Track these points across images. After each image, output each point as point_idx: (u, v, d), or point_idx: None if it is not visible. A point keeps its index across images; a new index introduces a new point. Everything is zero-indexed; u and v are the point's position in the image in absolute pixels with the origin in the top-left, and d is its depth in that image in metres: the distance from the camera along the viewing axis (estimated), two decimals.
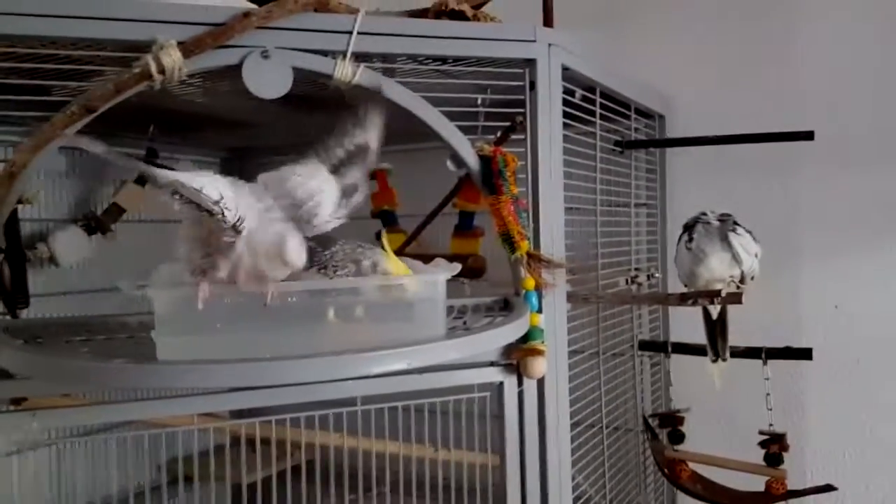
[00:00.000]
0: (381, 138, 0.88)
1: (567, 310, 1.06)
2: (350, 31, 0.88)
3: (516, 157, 0.98)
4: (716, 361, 1.19)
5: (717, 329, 1.18)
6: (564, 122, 1.04)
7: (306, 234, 0.76)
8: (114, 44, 0.83)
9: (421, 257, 0.96)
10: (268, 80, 0.86)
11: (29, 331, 0.89)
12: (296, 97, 0.91)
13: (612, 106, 1.24)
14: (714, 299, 1.09)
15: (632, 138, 1.36)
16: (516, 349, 0.96)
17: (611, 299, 1.23)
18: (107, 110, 0.84)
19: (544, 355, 0.96)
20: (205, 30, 0.83)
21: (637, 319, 1.41)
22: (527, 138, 1.00)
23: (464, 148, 0.97)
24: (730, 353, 1.19)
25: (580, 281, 1.20)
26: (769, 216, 1.42)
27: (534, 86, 0.99)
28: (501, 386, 0.97)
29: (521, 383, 0.99)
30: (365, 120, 0.87)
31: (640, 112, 1.38)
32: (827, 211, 1.39)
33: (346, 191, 0.82)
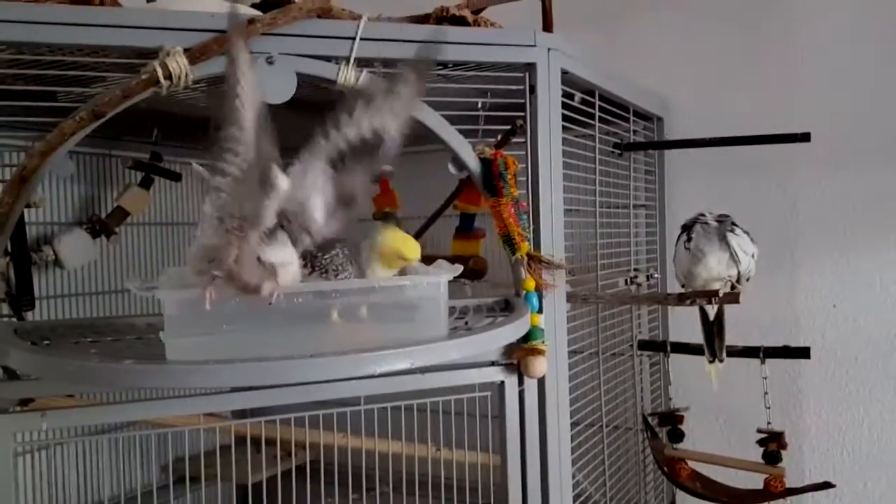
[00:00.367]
0: (406, 122, 0.80)
1: (567, 310, 1.07)
2: (353, 37, 0.90)
3: (516, 160, 1.00)
4: (713, 362, 1.20)
5: (714, 329, 1.19)
6: (564, 125, 1.06)
7: (302, 244, 0.75)
8: (121, 50, 0.85)
9: (423, 259, 0.97)
10: (273, 86, 0.87)
11: (37, 332, 0.91)
12: (298, 100, 0.92)
13: (611, 108, 1.25)
14: (712, 299, 1.10)
15: (631, 140, 1.37)
16: (517, 349, 0.97)
17: (610, 299, 1.24)
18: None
19: (545, 355, 0.97)
20: (210, 36, 0.84)
21: (636, 319, 1.42)
22: (527, 141, 1.01)
23: (465, 151, 0.99)
24: (728, 352, 1.20)
25: (580, 281, 1.21)
26: (767, 217, 1.43)
27: (534, 89, 1.00)
28: (502, 385, 0.99)
29: (522, 383, 1.00)
30: (381, 99, 0.79)
31: (638, 114, 1.39)
32: (824, 211, 1.40)
33: (343, 199, 0.78)
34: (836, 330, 1.40)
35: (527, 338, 0.96)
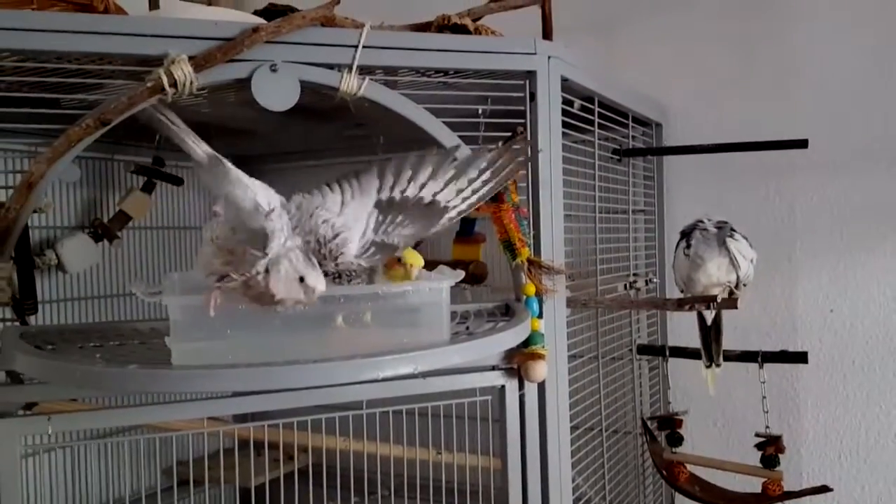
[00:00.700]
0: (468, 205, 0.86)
1: (567, 315, 1.08)
2: (356, 45, 0.90)
3: None
4: (710, 367, 1.20)
5: (712, 334, 1.20)
6: (563, 132, 1.06)
7: (326, 269, 0.76)
8: (126, 58, 0.86)
9: (424, 264, 0.98)
10: (276, 93, 0.88)
11: (42, 336, 0.91)
12: (300, 107, 0.93)
13: (611, 115, 1.26)
14: (710, 304, 1.11)
15: (630, 146, 1.38)
16: (517, 353, 0.98)
17: (609, 304, 1.25)
18: None
19: (545, 359, 0.98)
20: (215, 44, 0.85)
21: (635, 324, 1.43)
22: (527, 147, 1.02)
23: None
24: (726, 356, 1.20)
25: (580, 286, 1.22)
26: (765, 221, 1.44)
27: (534, 97, 1.01)
28: (503, 389, 0.99)
29: (522, 387, 1.01)
30: (447, 171, 0.86)
31: (637, 121, 1.40)
32: (822, 216, 1.41)
33: (381, 246, 0.80)
34: (833, 334, 1.41)
35: (527, 342, 0.97)
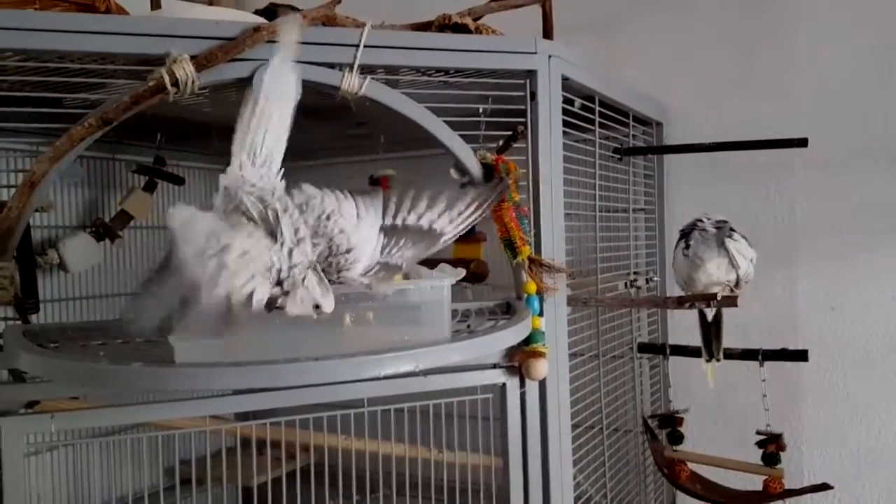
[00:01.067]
0: (458, 231, 0.87)
1: (568, 313, 1.08)
2: (357, 45, 0.91)
3: (517, 165, 1.01)
4: (710, 361, 1.21)
5: (712, 330, 1.20)
6: (564, 131, 1.07)
7: (329, 278, 0.76)
8: (128, 57, 0.86)
9: (425, 262, 0.98)
10: None
11: (45, 335, 0.92)
12: (301, 106, 0.93)
13: (611, 114, 1.26)
14: (710, 303, 1.11)
15: (630, 145, 1.39)
16: (518, 352, 0.98)
17: (610, 303, 1.25)
18: None
19: (545, 357, 0.98)
20: (216, 44, 0.85)
21: (636, 322, 1.43)
22: (528, 146, 1.02)
23: (466, 156, 1.00)
24: (727, 354, 1.21)
25: (580, 285, 1.22)
26: (765, 220, 1.45)
27: (534, 96, 1.01)
28: (504, 388, 1.00)
29: (523, 385, 1.01)
30: (452, 200, 0.86)
31: (638, 120, 1.40)
32: (822, 215, 1.41)
33: (385, 267, 0.81)
34: (834, 333, 1.41)
35: (528, 341, 0.97)
